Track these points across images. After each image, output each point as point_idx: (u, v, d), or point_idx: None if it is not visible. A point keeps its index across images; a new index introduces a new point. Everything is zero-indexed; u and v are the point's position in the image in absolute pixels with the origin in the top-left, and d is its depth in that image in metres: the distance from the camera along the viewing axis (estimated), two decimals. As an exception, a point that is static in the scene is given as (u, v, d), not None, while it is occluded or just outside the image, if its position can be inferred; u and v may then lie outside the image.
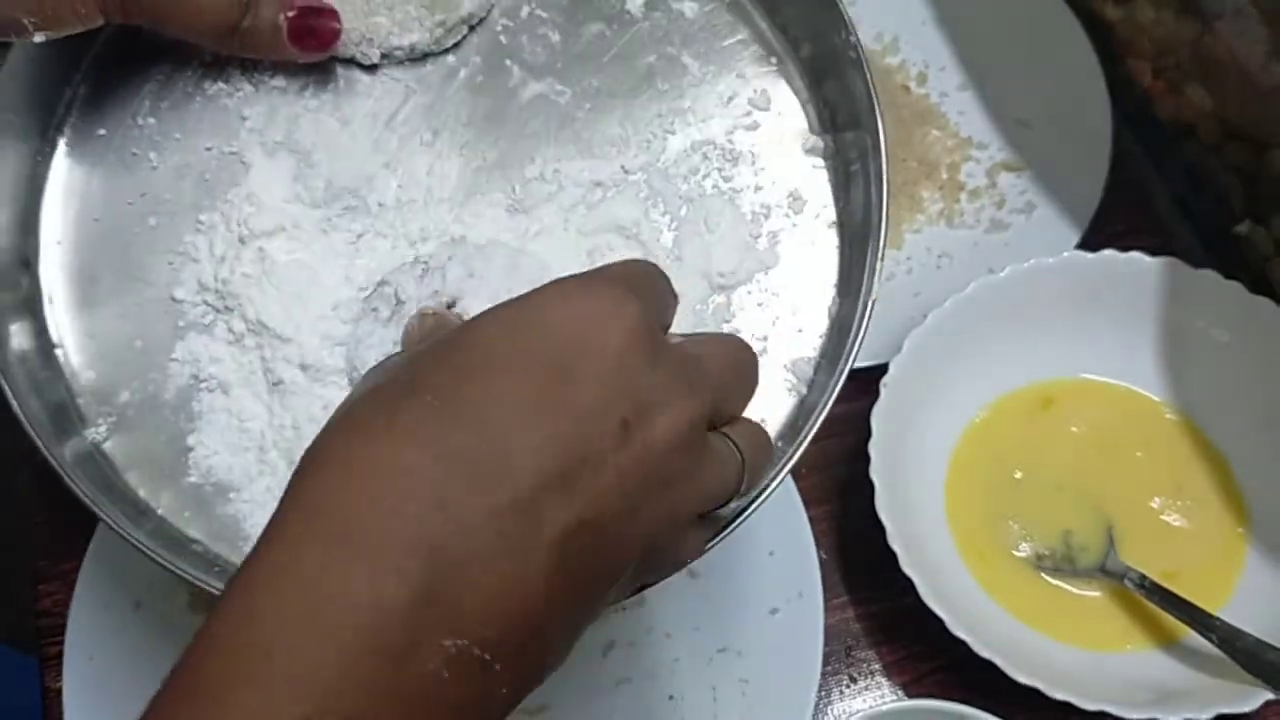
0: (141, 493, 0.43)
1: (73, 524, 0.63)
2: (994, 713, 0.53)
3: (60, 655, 0.58)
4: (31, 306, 0.45)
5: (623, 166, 0.46)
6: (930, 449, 0.63)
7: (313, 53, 0.45)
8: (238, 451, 0.43)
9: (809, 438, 0.41)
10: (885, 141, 0.44)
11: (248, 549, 0.40)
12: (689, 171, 0.46)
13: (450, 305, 0.42)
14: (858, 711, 0.54)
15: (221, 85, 0.47)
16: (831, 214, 0.46)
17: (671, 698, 0.59)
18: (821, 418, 0.41)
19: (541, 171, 0.46)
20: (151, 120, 0.46)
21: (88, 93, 0.47)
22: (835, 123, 0.47)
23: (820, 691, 0.58)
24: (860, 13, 0.78)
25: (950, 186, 0.73)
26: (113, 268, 0.45)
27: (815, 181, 0.47)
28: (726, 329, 0.44)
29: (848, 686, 0.61)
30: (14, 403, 0.41)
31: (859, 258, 0.45)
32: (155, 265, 0.45)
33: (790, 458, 0.41)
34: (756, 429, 0.37)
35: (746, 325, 0.44)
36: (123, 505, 0.41)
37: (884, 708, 0.54)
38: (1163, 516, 0.62)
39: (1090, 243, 0.66)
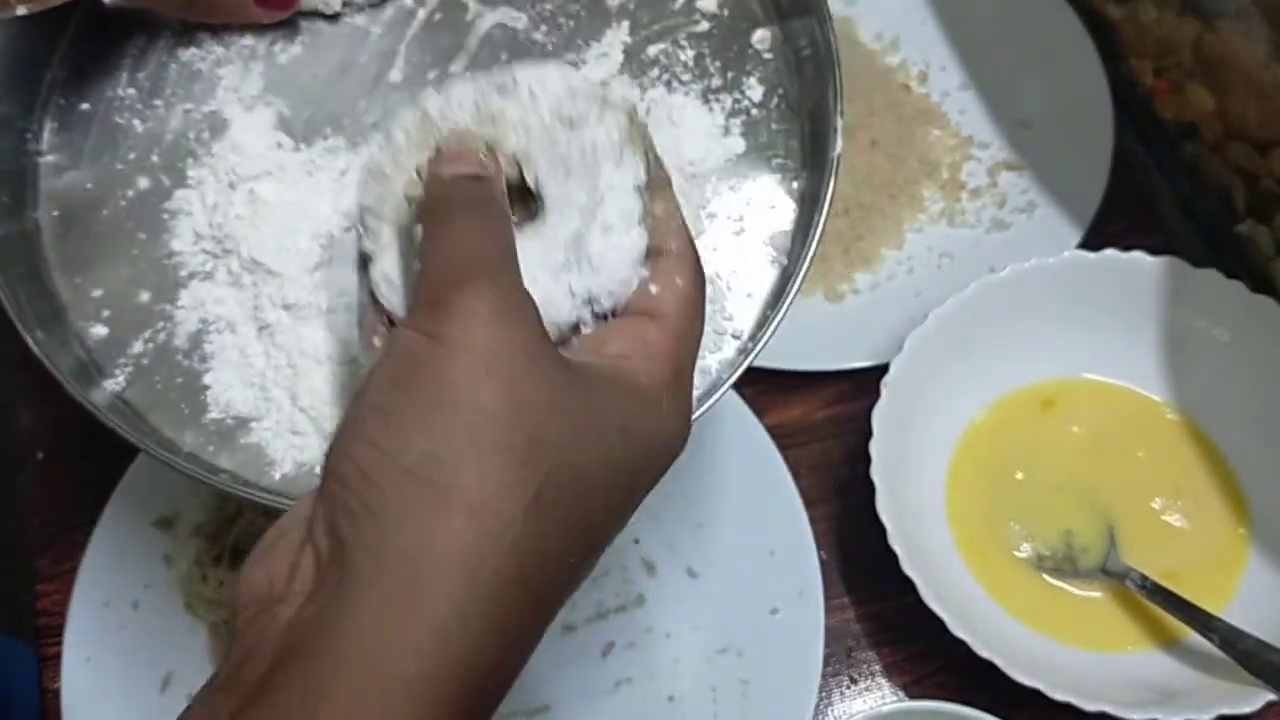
0: (166, 433, 0.44)
1: (72, 524, 0.63)
2: (995, 714, 0.53)
3: (59, 656, 0.58)
4: (38, 274, 0.46)
5: (584, 78, 0.49)
6: (931, 449, 0.63)
7: (277, 12, 0.48)
8: (250, 385, 0.45)
9: (790, 301, 0.44)
10: (831, 22, 0.48)
11: (274, 473, 0.44)
12: (649, 76, 0.49)
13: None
14: (858, 713, 0.54)
15: (194, 50, 0.49)
16: (790, 99, 0.49)
17: (671, 698, 0.59)
18: (799, 282, 0.44)
19: None
20: (131, 90, 0.49)
21: (66, 74, 0.49)
22: (780, 11, 0.50)
23: (820, 692, 0.58)
24: (860, 12, 0.78)
25: (951, 186, 0.73)
26: (110, 230, 0.47)
27: (769, 70, 0.50)
28: (704, 214, 0.48)
29: (848, 687, 0.60)
30: (46, 362, 0.42)
31: (820, 132, 0.48)
32: (150, 223, 0.47)
33: (775, 322, 0.44)
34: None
35: (723, 208, 0.48)
36: (151, 446, 0.43)
37: (885, 709, 0.54)
38: (1164, 517, 0.62)
39: (1091, 242, 0.66)
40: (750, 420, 0.63)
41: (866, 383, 0.61)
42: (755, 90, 0.49)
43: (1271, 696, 0.53)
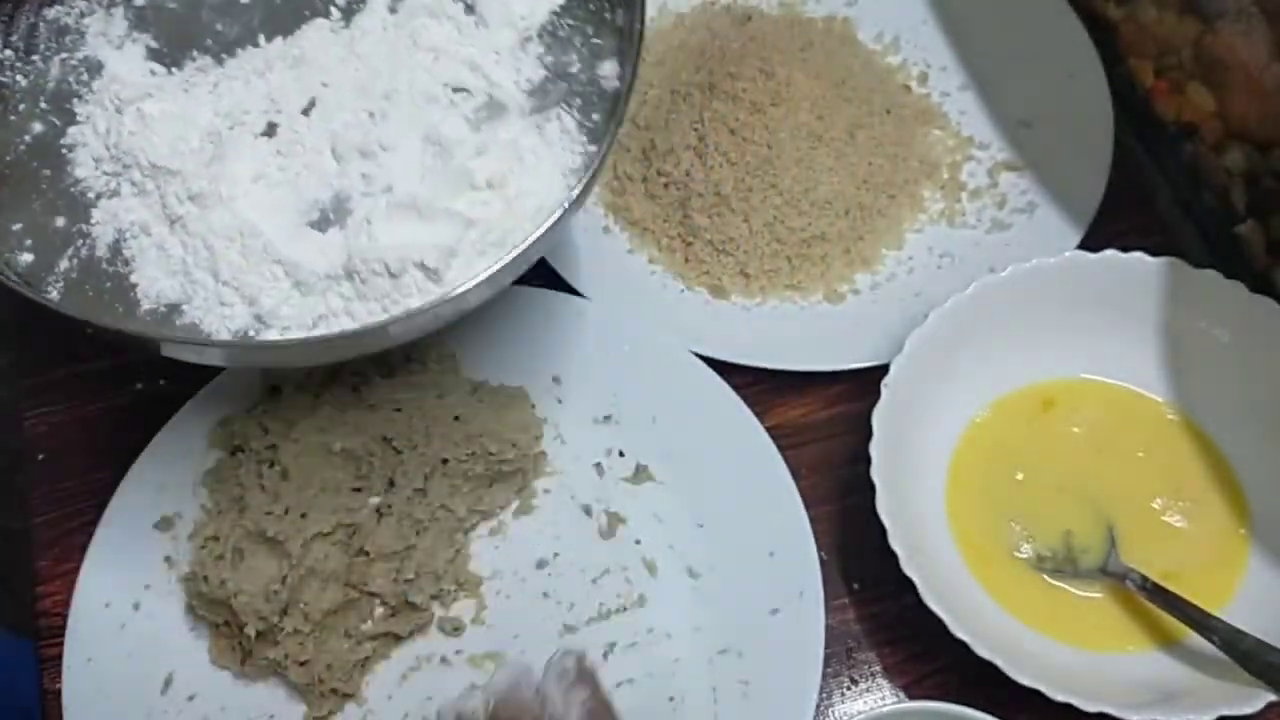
0: (110, 327, 0.50)
1: (73, 524, 0.63)
2: (995, 714, 0.53)
3: (59, 657, 0.58)
4: None
5: None
6: (931, 449, 0.63)
7: None
8: (174, 274, 0.52)
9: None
10: None
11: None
12: None
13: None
14: (859, 713, 0.54)
15: (59, 8, 0.57)
16: None
17: (672, 698, 0.59)
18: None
19: None
20: (8, 52, 0.56)
21: None
22: None
23: (821, 693, 0.58)
24: (860, 13, 0.78)
25: (951, 186, 0.73)
26: (16, 173, 0.53)
27: None
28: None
29: (848, 688, 0.60)
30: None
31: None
32: (52, 159, 0.54)
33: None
34: None
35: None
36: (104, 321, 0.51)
37: (885, 709, 0.54)
38: (1164, 517, 0.62)
39: (1091, 243, 0.66)
40: (750, 420, 0.63)
41: (866, 383, 0.61)
42: None
43: (1271, 697, 0.53)
